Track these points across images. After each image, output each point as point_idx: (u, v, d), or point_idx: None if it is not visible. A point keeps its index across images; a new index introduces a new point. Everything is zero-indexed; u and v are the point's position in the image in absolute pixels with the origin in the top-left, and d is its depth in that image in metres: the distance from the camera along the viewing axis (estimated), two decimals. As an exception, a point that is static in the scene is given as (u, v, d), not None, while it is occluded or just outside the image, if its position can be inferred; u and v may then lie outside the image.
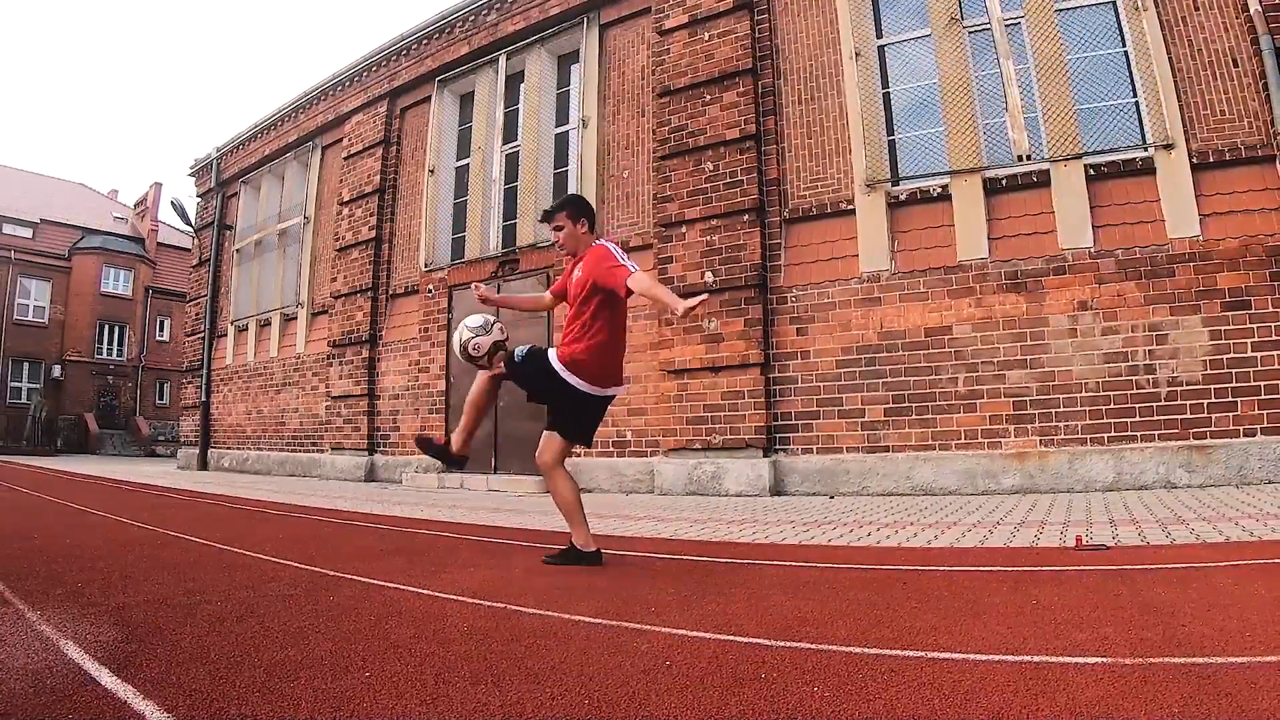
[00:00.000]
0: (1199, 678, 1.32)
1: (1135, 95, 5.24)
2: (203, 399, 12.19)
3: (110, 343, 26.23)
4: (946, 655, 1.53)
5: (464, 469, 2.67)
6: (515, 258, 7.83)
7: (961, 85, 5.64)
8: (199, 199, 13.48)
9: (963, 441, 5.30)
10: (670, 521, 4.24)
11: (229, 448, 11.58)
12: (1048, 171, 5.32)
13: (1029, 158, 5.42)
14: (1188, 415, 4.78)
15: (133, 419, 25.21)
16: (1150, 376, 4.89)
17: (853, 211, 5.89)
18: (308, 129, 10.74)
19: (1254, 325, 4.71)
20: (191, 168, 13.46)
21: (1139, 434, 4.87)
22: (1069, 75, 5.37)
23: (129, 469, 12.11)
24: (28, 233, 24.99)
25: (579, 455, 6.89)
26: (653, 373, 6.54)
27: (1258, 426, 4.62)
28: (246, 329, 11.58)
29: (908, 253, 5.68)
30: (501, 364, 2.77)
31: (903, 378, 5.51)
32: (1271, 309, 4.69)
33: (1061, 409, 5.06)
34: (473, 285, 2.97)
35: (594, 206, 7.00)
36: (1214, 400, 4.73)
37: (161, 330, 27.52)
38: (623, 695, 1.32)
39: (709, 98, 6.44)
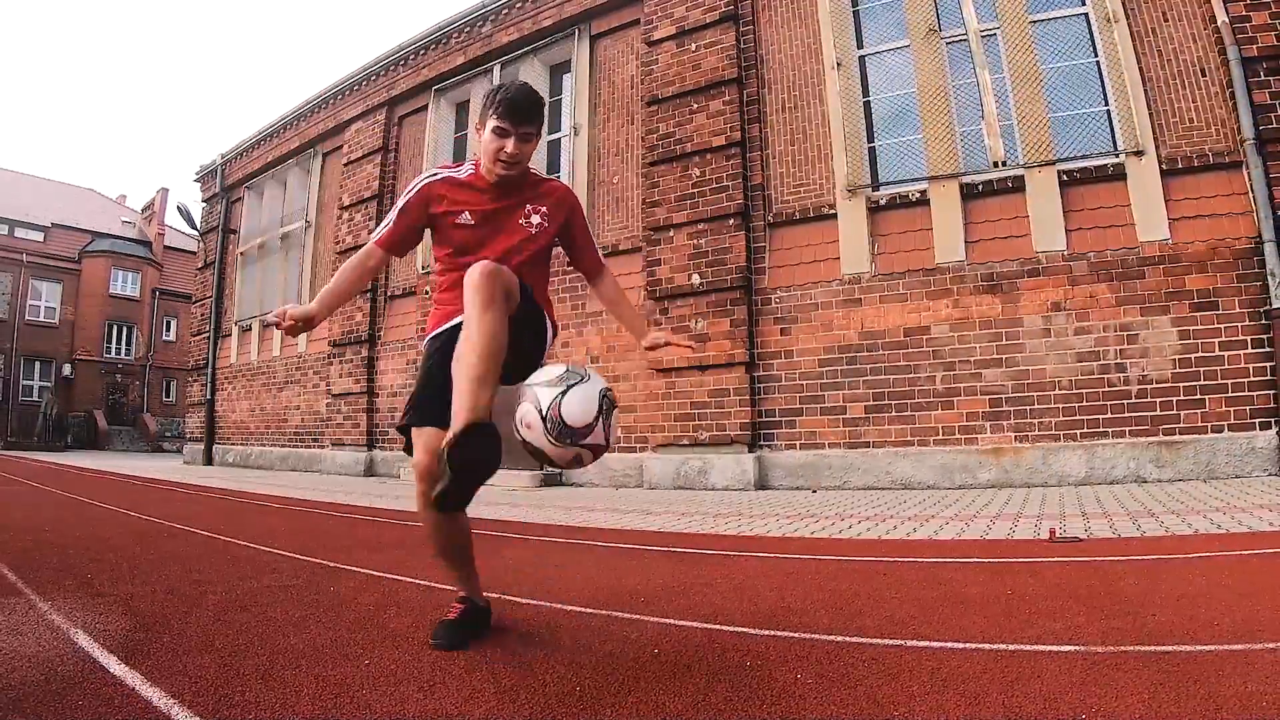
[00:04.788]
0: (1168, 665, 1.36)
1: (1107, 104, 5.37)
2: (208, 397, 12.41)
3: (118, 342, 26.59)
4: (925, 643, 1.57)
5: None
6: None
7: (939, 94, 5.79)
8: (204, 204, 13.69)
9: (940, 437, 5.44)
10: (658, 515, 4.31)
11: (233, 444, 11.80)
12: (1022, 177, 5.46)
13: (1004, 164, 5.56)
14: (1157, 412, 4.90)
15: (140, 416, 25.51)
16: (1121, 375, 5.01)
17: (834, 216, 6.04)
18: (309, 136, 10.96)
19: (1221, 325, 4.83)
20: (197, 173, 13.68)
21: (1110, 430, 4.99)
22: (1043, 84, 5.51)
23: (137, 464, 12.27)
24: (39, 236, 25.38)
25: (571, 452, 7.06)
26: (641, 371, 6.71)
27: (1225, 423, 4.74)
28: (250, 329, 11.79)
29: (887, 255, 5.83)
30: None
31: (882, 376, 5.66)
32: (1238, 309, 4.81)
33: (1036, 406, 5.19)
34: (273, 315, 1.69)
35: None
36: (1183, 397, 4.85)
37: (168, 330, 27.88)
38: (612, 682, 1.36)
39: (696, 106, 6.62)
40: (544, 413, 1.45)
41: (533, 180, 1.82)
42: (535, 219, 1.78)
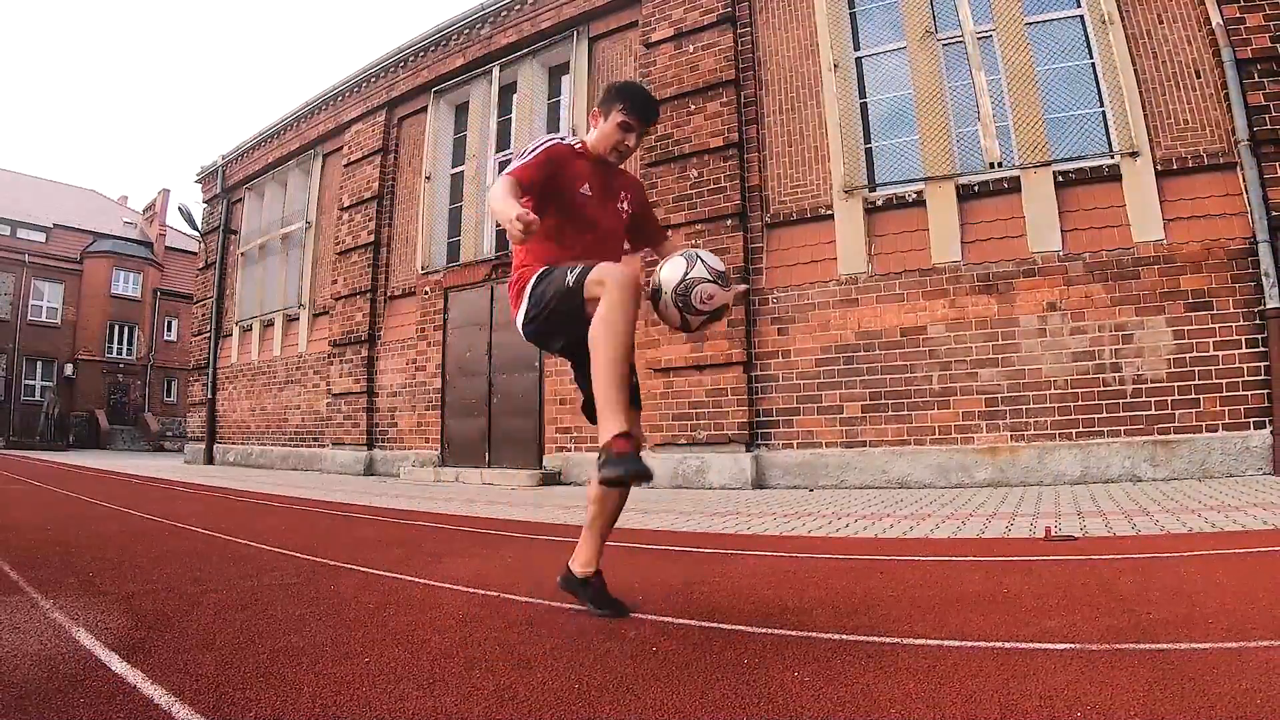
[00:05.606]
0: (1164, 663, 1.36)
1: (1102, 105, 5.40)
2: (209, 396, 12.45)
3: (120, 342, 26.66)
4: (922, 641, 1.58)
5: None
6: (508, 260, 8.01)
7: (935, 95, 5.82)
8: (205, 205, 13.73)
9: (937, 437, 5.47)
10: (657, 514, 4.32)
11: (234, 443, 11.84)
12: (1018, 178, 5.48)
13: (1000, 165, 5.59)
14: (1152, 411, 4.93)
15: (142, 415, 25.54)
16: (1116, 375, 5.04)
17: (831, 216, 6.07)
18: (309, 137, 10.99)
19: (1215, 325, 4.86)
20: (198, 174, 13.72)
21: (1106, 429, 5.01)
22: (1038, 86, 5.54)
23: (138, 463, 12.30)
24: (41, 237, 25.46)
25: (569, 450, 7.11)
26: (640, 370, 6.74)
27: (1219, 422, 4.78)
28: (251, 329, 11.83)
29: (884, 256, 5.86)
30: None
31: (879, 376, 5.69)
32: (1232, 309, 4.84)
33: (1031, 406, 5.22)
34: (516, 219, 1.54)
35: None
36: (1177, 397, 4.88)
37: (169, 330, 27.93)
38: (610, 680, 1.36)
39: (694, 107, 6.65)
40: (711, 275, 1.74)
41: (617, 168, 2.03)
42: (624, 204, 2.02)
